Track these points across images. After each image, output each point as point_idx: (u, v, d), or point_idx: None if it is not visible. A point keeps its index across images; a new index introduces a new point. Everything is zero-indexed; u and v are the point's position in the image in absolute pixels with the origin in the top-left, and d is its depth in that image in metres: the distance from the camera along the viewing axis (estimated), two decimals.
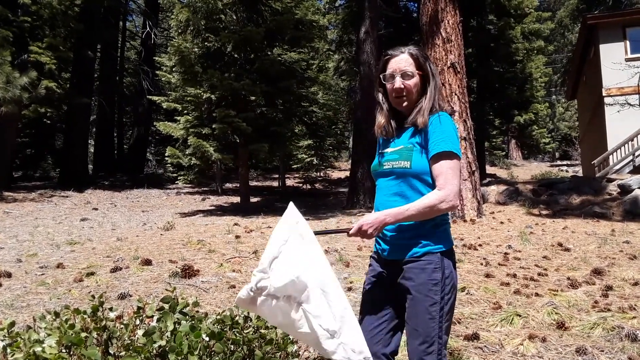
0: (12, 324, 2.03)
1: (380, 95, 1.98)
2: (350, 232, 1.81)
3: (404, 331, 1.90)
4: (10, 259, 6.21)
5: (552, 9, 33.08)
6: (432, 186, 1.83)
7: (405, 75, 1.87)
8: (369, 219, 1.80)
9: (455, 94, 10.04)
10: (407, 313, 1.84)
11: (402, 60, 1.88)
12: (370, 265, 2.03)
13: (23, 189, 16.34)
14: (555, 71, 35.33)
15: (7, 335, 1.96)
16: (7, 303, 4.22)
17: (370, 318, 1.94)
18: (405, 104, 1.90)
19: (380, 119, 1.98)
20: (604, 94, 15.72)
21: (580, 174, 21.56)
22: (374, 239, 1.91)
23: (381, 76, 1.93)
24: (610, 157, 15.35)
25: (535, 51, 21.58)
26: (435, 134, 1.81)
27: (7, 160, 17.10)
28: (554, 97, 39.22)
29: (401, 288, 1.85)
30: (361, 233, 1.79)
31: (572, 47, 27.93)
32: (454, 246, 1.90)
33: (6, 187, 15.56)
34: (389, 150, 1.94)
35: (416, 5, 20.24)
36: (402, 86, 1.87)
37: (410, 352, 1.82)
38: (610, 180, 11.74)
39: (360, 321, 1.93)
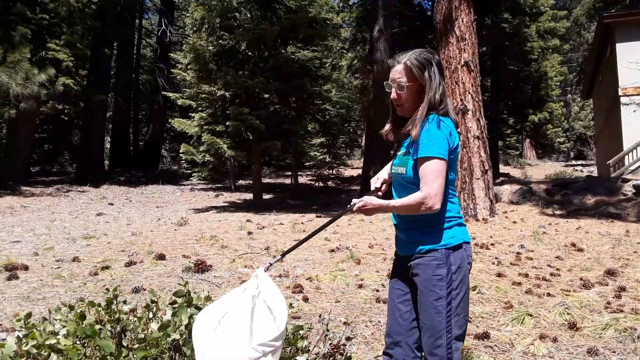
0: (29, 315, 2.08)
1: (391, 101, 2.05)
2: (355, 207, 1.97)
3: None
4: (27, 252, 6.33)
5: (568, 8, 32.71)
6: None
7: (399, 86, 1.94)
8: (373, 202, 1.94)
9: (469, 93, 9.98)
10: (418, 307, 1.95)
11: (396, 71, 1.95)
12: (394, 260, 2.17)
13: (40, 184, 16.59)
14: (571, 70, 34.93)
15: (23, 326, 2.02)
16: (24, 295, 4.31)
17: (394, 309, 2.07)
18: (403, 112, 1.98)
19: (386, 125, 2.10)
20: (620, 94, 15.50)
21: (595, 174, 21.31)
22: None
23: (385, 84, 2.01)
24: (626, 157, 15.14)
25: (551, 50, 21.33)
26: (419, 140, 1.87)
27: (25, 156, 17.38)
28: (569, 96, 38.81)
29: (413, 284, 1.97)
30: (362, 211, 1.96)
31: (588, 46, 27.60)
32: (465, 242, 1.94)
33: (24, 182, 15.81)
34: (398, 153, 2.06)
35: (430, 3, 20.14)
36: (396, 96, 1.96)
37: (423, 345, 1.93)
38: (626, 181, 11.60)
39: (388, 312, 2.11)
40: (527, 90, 20.48)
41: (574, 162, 35.02)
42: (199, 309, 2.16)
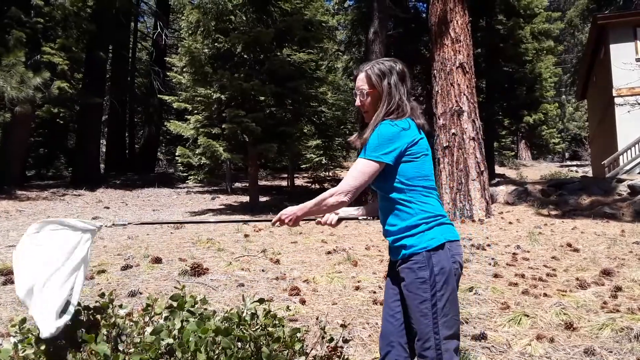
0: (24, 320, 2.06)
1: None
2: (273, 220, 2.05)
3: None
4: None
5: (562, 9, 32.80)
6: (395, 189, 1.96)
7: (361, 94, 2.04)
8: (286, 211, 2.02)
9: (464, 94, 10.01)
10: (408, 311, 1.98)
11: (359, 80, 2.06)
12: (389, 262, 2.20)
13: (36, 188, 16.52)
14: (565, 71, 35.04)
15: (18, 331, 2.00)
16: (20, 300, 4.28)
17: (387, 310, 2.11)
18: (368, 118, 2.06)
19: (356, 133, 2.19)
20: (614, 94, 15.58)
21: (590, 174, 21.39)
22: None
23: (353, 92, 2.11)
24: (621, 157, 15.20)
25: (545, 51, 21.38)
26: (366, 143, 1.95)
27: (21, 159, 17.30)
28: (563, 97, 38.92)
29: (401, 288, 2.00)
30: (281, 222, 2.03)
31: (582, 47, 27.72)
32: (449, 241, 1.94)
33: (19, 186, 15.74)
34: None
35: (425, 5, 20.19)
36: (360, 103, 2.06)
37: (415, 347, 1.96)
38: (621, 181, 11.65)
39: (382, 313, 2.15)
40: (521, 91, 20.54)
41: (569, 163, 35.13)
42: (192, 313, 2.15)
